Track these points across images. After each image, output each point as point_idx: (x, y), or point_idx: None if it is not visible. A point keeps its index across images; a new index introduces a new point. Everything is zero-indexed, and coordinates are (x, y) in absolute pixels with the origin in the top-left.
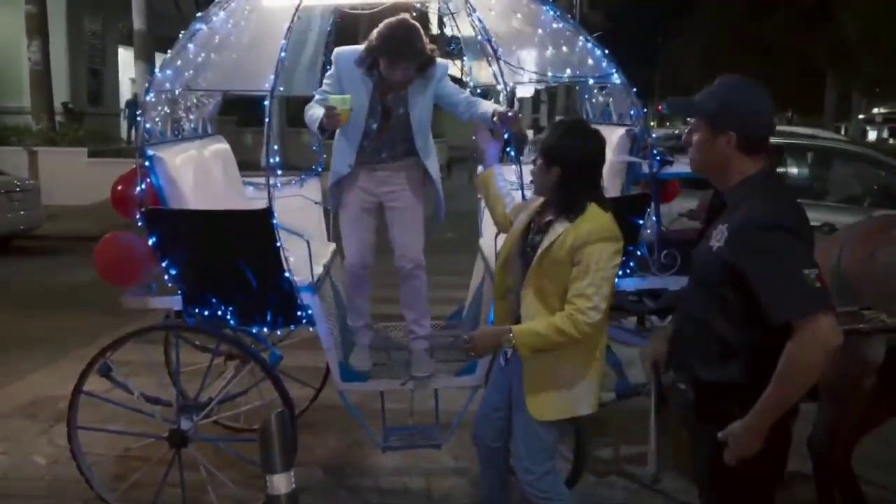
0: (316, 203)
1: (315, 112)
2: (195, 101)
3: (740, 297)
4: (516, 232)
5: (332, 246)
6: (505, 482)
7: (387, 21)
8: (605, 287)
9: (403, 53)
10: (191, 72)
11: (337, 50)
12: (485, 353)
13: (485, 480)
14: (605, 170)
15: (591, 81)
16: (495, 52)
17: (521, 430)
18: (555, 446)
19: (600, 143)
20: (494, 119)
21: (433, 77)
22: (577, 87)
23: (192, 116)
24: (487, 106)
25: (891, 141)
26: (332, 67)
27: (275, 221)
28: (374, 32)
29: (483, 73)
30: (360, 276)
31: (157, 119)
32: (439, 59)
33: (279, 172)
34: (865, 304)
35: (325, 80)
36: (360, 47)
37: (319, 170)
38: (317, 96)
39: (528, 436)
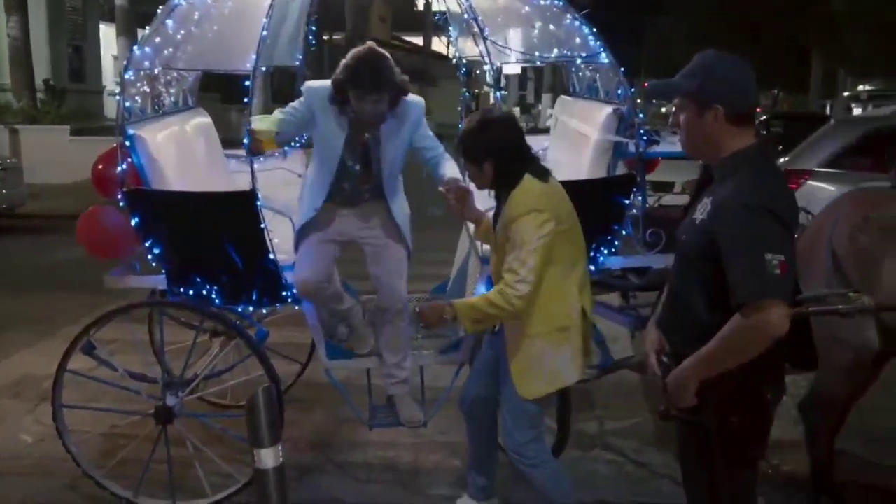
0: (299, 176)
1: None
2: (175, 74)
3: (717, 272)
4: (490, 224)
5: None
6: (493, 449)
7: (353, 51)
8: (531, 259)
9: (371, 84)
10: (170, 49)
11: (307, 84)
12: (434, 325)
13: (472, 446)
14: (591, 148)
15: (578, 61)
16: (482, 31)
17: (507, 400)
18: (540, 415)
19: (512, 120)
20: (443, 187)
21: (407, 117)
22: (565, 63)
23: (171, 90)
24: (446, 170)
25: None
26: (303, 99)
27: (259, 203)
28: (341, 64)
29: (469, 47)
30: (316, 297)
31: (136, 96)
32: (415, 98)
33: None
34: (854, 284)
35: (292, 104)
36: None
37: (303, 142)
38: (279, 114)
39: (512, 405)
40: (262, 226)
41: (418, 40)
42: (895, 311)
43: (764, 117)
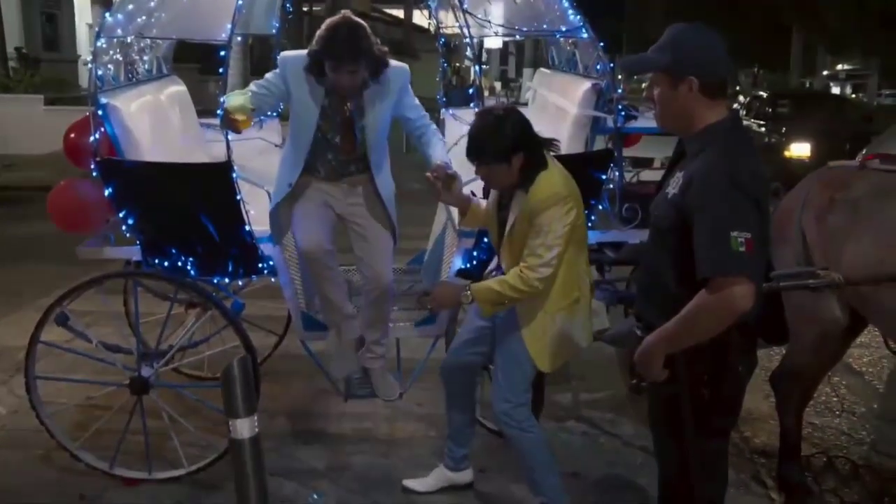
0: (276, 146)
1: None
2: (149, 41)
3: (687, 247)
4: (492, 211)
5: None
6: (472, 418)
7: (328, 21)
8: (556, 246)
9: (347, 54)
10: (144, 17)
11: (282, 55)
12: (444, 308)
13: (451, 415)
14: (569, 123)
15: (558, 36)
16: (461, 3)
17: (503, 362)
18: (532, 379)
19: (516, 108)
20: (430, 173)
21: (390, 84)
22: (544, 36)
23: (146, 57)
24: (434, 151)
25: (854, 96)
26: (277, 70)
27: (234, 175)
28: (316, 35)
29: (450, 19)
30: (322, 263)
31: (109, 64)
32: (399, 64)
33: None
34: (821, 264)
35: (266, 76)
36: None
37: (279, 111)
38: (253, 87)
39: (509, 367)
40: (238, 197)
41: (399, 13)
42: (864, 285)
43: (763, 94)
